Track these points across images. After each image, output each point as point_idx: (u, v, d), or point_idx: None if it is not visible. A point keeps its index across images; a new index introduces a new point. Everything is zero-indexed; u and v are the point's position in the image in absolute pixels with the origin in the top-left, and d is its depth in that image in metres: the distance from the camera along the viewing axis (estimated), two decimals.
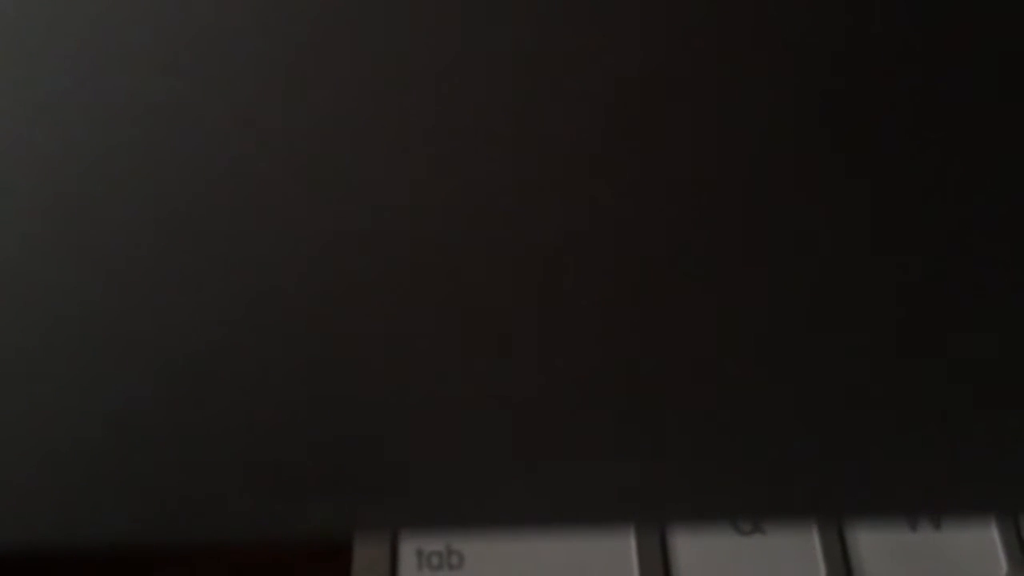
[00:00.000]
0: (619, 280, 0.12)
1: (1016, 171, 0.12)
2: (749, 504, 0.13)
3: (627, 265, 0.12)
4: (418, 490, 0.13)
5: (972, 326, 0.12)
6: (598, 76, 0.12)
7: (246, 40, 0.12)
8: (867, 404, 0.13)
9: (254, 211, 0.12)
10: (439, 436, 0.13)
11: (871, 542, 0.15)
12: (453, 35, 0.12)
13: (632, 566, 0.14)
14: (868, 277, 0.12)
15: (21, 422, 0.13)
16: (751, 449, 0.13)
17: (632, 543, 0.15)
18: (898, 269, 0.12)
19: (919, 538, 0.15)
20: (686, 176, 0.12)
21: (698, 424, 0.13)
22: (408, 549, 0.15)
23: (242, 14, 0.12)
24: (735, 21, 0.12)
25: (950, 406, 0.12)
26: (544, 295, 0.12)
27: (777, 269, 0.12)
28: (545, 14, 0.12)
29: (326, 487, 0.13)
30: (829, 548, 0.15)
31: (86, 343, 0.13)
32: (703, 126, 0.12)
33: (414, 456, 0.13)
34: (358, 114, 0.12)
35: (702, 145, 0.12)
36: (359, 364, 0.13)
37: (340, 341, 0.13)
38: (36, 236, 0.12)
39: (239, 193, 0.12)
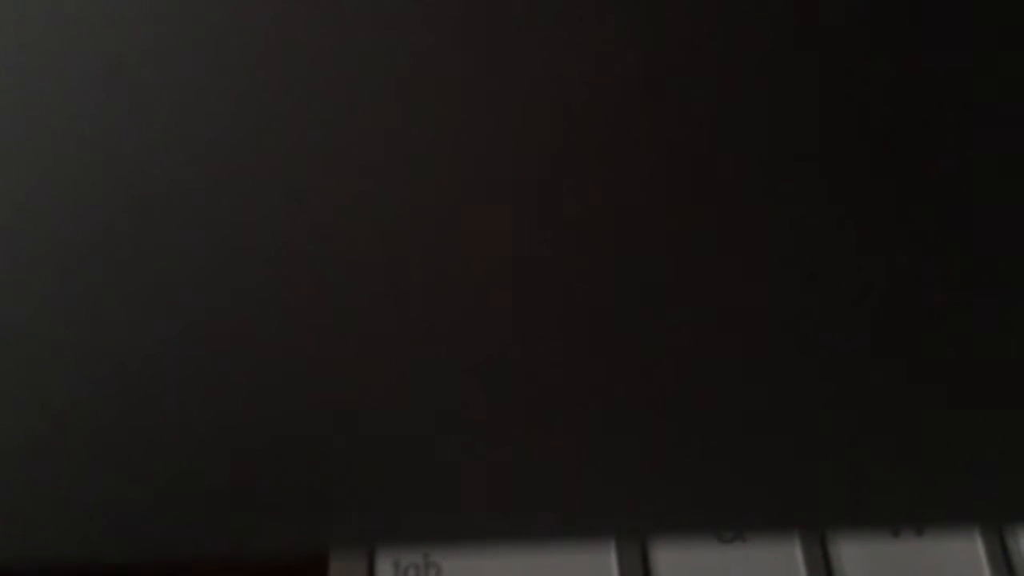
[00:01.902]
0: (596, 296, 0.12)
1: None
2: (730, 516, 0.13)
3: (604, 282, 0.12)
4: (394, 505, 0.13)
5: (947, 339, 0.12)
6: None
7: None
8: (847, 417, 0.12)
9: (197, 223, 0.12)
10: (415, 450, 0.13)
11: (853, 549, 0.15)
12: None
13: None
14: (844, 290, 0.12)
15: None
16: (731, 461, 0.13)
17: (613, 553, 0.15)
18: (876, 283, 0.12)
19: (901, 544, 0.15)
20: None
21: (678, 436, 0.13)
22: (385, 560, 0.15)
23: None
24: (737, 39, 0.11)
25: (930, 419, 0.12)
26: (519, 309, 0.12)
27: (752, 281, 0.12)
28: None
29: (302, 504, 0.13)
30: (811, 555, 0.15)
31: (47, 355, 0.12)
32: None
33: (390, 470, 0.13)
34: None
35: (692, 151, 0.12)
36: (333, 381, 0.12)
37: (315, 357, 0.12)
38: None
39: (183, 206, 0.12)
